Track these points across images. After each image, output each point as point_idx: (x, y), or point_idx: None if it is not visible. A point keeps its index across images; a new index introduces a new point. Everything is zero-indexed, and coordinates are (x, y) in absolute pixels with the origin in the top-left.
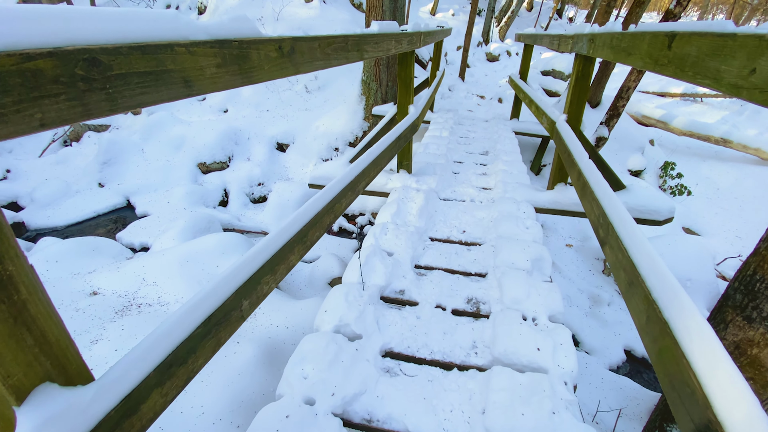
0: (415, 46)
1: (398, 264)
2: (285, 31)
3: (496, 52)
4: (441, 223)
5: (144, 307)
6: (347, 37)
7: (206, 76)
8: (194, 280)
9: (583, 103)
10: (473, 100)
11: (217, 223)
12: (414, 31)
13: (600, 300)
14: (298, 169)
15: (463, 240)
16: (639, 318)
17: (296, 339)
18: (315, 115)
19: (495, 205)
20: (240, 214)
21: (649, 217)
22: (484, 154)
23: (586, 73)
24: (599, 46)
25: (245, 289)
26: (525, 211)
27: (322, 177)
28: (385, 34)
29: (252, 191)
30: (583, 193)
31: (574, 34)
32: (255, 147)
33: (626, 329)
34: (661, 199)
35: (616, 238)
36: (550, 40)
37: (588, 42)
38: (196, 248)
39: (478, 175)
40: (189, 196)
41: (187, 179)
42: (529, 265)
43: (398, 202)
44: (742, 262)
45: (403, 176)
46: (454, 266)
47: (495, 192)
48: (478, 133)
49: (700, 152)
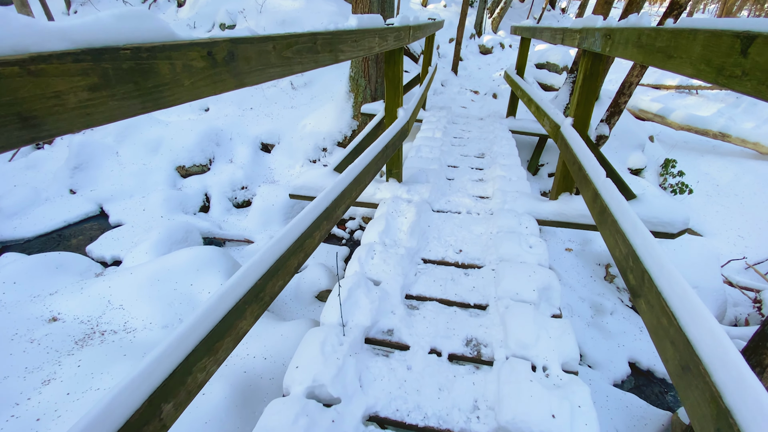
0: (403, 42)
1: (386, 296)
2: (268, 24)
3: (489, 44)
4: (435, 241)
5: (108, 335)
6: (315, 35)
7: (69, 106)
8: (164, 302)
9: (591, 105)
10: (467, 96)
11: (196, 233)
12: (402, 25)
13: (602, 309)
14: (284, 170)
15: (459, 261)
16: (702, 426)
17: (275, 372)
18: (301, 114)
19: (494, 219)
20: (222, 221)
21: (662, 229)
22: (480, 156)
23: (595, 72)
24: (619, 43)
25: (164, 390)
26: (527, 226)
27: (303, 187)
28: (366, 30)
29: (235, 195)
30: (602, 219)
31: (583, 27)
32: (238, 148)
33: (630, 340)
34: (676, 210)
35: (657, 296)
36: (552, 34)
37: (603, 38)
38: (167, 265)
39: (474, 182)
40: (167, 203)
41: (165, 184)
42: (535, 296)
43: (387, 217)
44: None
45: (393, 185)
46: (451, 296)
47: (493, 202)
48: (473, 133)
49: (697, 147)
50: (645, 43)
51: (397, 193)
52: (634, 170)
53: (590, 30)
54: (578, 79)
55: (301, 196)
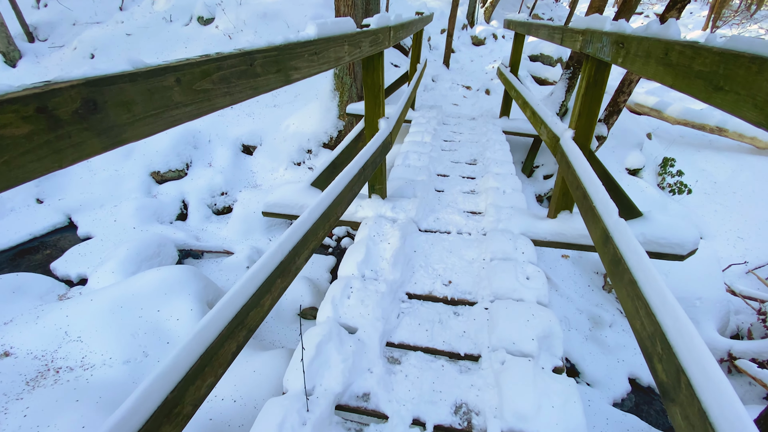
0: (382, 46)
1: (363, 348)
2: (249, 17)
3: (481, 35)
4: (421, 270)
5: (63, 372)
6: (251, 55)
7: None
8: (127, 333)
9: (595, 117)
10: (459, 92)
11: (170, 246)
12: (379, 27)
13: (601, 321)
14: (267, 174)
15: (448, 296)
16: None
17: (245, 418)
18: (285, 113)
19: (487, 241)
20: (201, 229)
21: (671, 251)
22: (472, 163)
23: (600, 80)
24: (637, 56)
25: None
26: (523, 251)
27: (277, 204)
28: (330, 38)
29: (214, 202)
30: (616, 271)
31: (586, 29)
32: (217, 150)
33: (630, 354)
34: (685, 229)
35: (702, 415)
36: (549, 33)
37: (614, 46)
38: (132, 289)
39: (465, 195)
40: (140, 212)
41: (139, 191)
42: (535, 347)
43: (368, 242)
44: None
45: (376, 202)
46: (438, 344)
47: (486, 220)
48: (465, 135)
49: (694, 142)
50: (676, 62)
51: (380, 211)
52: (632, 170)
53: (595, 33)
54: (580, 87)
55: (275, 214)
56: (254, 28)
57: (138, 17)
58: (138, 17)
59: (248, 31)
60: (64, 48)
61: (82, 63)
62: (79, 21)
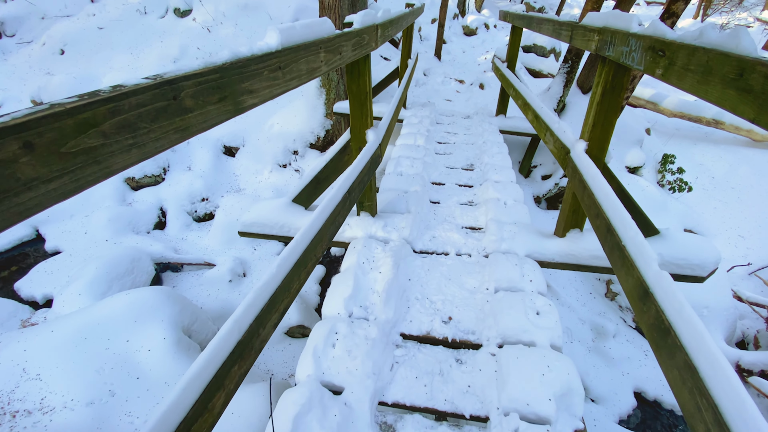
0: (368, 48)
1: (350, 415)
2: (228, 9)
3: (473, 25)
4: (417, 304)
5: (20, 417)
6: (175, 83)
7: None
8: (92, 368)
9: (612, 127)
10: (451, 86)
11: (146, 260)
12: (364, 26)
13: (604, 332)
14: (251, 176)
15: (449, 337)
16: None
17: None
18: (268, 111)
19: (490, 266)
20: (181, 238)
21: (691, 272)
22: (469, 168)
23: (618, 86)
24: (687, 70)
25: None
26: (531, 278)
27: (255, 223)
28: (299, 46)
29: (194, 208)
30: (662, 341)
31: (604, 27)
32: (197, 153)
33: (635, 367)
34: (705, 248)
35: None
36: (555, 28)
37: (647, 52)
38: (98, 317)
39: (463, 207)
40: (113, 223)
41: (113, 199)
42: (552, 409)
43: (356, 272)
44: None
45: (366, 220)
46: (439, 402)
47: (487, 238)
48: (460, 136)
49: (690, 135)
50: (761, 89)
51: (370, 231)
52: (632, 168)
53: (618, 34)
54: (594, 93)
55: (253, 234)
56: (234, 21)
57: (111, 9)
58: (111, 9)
59: (228, 23)
60: (33, 44)
61: (51, 59)
62: (48, 14)
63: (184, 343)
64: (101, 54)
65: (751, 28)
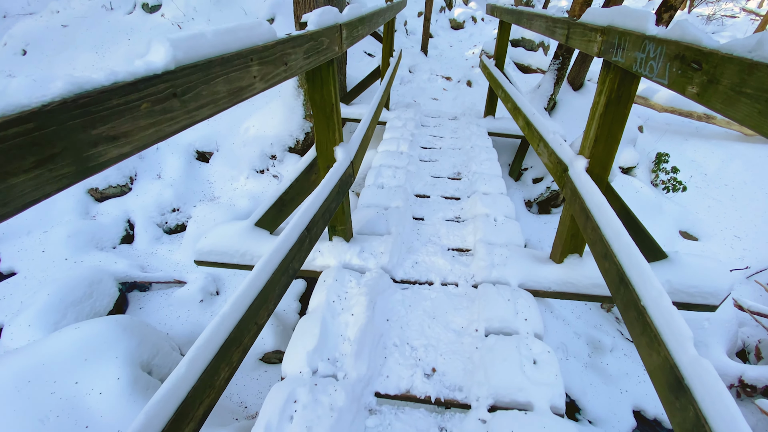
0: (329, 53)
1: None
2: (199, 3)
3: (460, 18)
4: (396, 353)
5: None
6: None
7: None
8: (35, 417)
9: (617, 143)
10: (438, 84)
11: (108, 280)
12: (320, 27)
13: (601, 346)
14: (226, 183)
15: (433, 396)
16: None
17: None
18: (243, 113)
19: (479, 300)
20: (150, 253)
21: (702, 301)
22: (456, 177)
23: (626, 96)
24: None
25: None
26: (527, 316)
27: (213, 251)
28: (211, 61)
29: (165, 220)
30: (677, 402)
31: (609, 27)
32: (167, 159)
33: (633, 384)
34: (717, 273)
35: None
36: (548, 26)
37: (673, 62)
38: (43, 355)
39: (449, 224)
40: (74, 239)
41: (74, 213)
42: None
43: (324, 315)
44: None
45: (339, 246)
46: None
47: (476, 264)
48: (446, 140)
49: (681, 130)
50: None
51: (344, 258)
52: (626, 169)
53: (631, 36)
54: (596, 103)
55: (211, 263)
56: (207, 16)
57: (75, 6)
58: (75, 6)
59: (200, 19)
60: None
61: (12, 60)
62: (9, 13)
63: (141, 382)
64: (65, 54)
65: (737, 18)
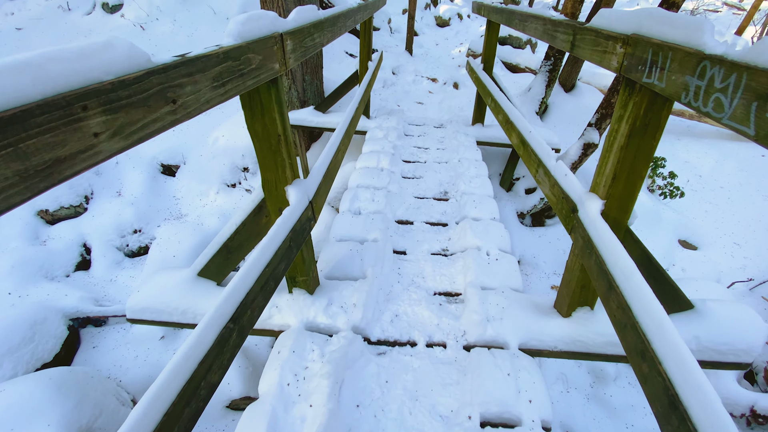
0: (262, 73)
1: None
2: (164, 3)
3: (446, 15)
4: None
5: None
6: None
7: None
8: None
9: (641, 179)
10: (423, 86)
11: (54, 319)
12: (244, 41)
13: (604, 375)
14: (195, 199)
15: None
16: None
17: None
18: (212, 123)
19: (471, 373)
20: (109, 280)
21: (734, 359)
22: (443, 198)
23: (654, 124)
24: None
25: None
26: (531, 397)
27: (148, 308)
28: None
29: (126, 242)
30: None
31: (636, 35)
32: (128, 175)
33: (639, 417)
34: (750, 324)
35: None
36: (545, 29)
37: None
38: None
39: (435, 259)
40: (20, 269)
41: (22, 238)
42: None
43: (274, 405)
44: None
45: (300, 300)
46: None
47: (467, 315)
48: (432, 152)
49: (673, 129)
50: None
51: (307, 316)
52: None
53: (677, 53)
54: (615, 132)
55: (146, 322)
56: (172, 16)
57: (31, 7)
58: (31, 7)
59: (165, 19)
60: None
61: None
62: None
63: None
64: None
65: (719, 12)
